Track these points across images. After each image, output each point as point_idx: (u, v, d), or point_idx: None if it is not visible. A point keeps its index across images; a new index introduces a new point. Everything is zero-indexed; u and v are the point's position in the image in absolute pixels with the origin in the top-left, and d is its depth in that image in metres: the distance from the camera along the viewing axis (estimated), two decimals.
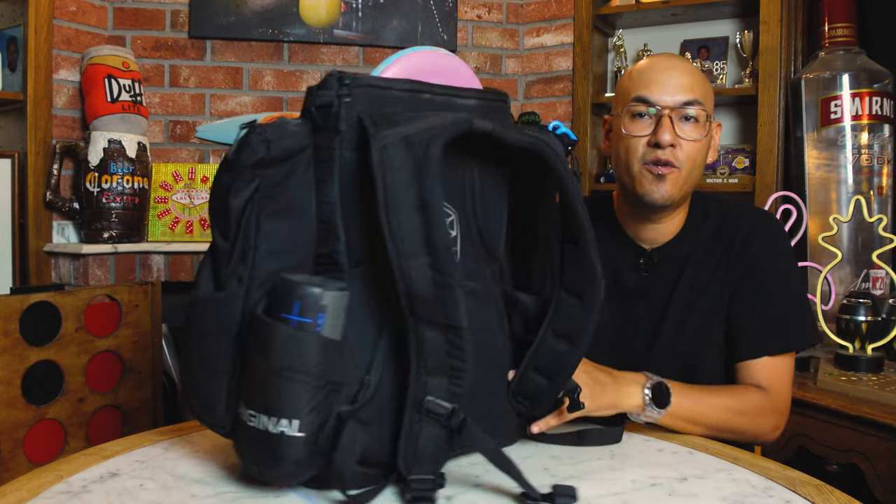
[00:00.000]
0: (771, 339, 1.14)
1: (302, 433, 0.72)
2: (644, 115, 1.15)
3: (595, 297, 0.87)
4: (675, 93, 1.14)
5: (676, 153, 1.14)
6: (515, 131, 0.81)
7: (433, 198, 0.73)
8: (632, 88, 1.17)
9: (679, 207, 1.21)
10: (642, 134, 1.15)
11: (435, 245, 0.73)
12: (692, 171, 1.16)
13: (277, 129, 0.75)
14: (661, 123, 1.13)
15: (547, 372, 0.88)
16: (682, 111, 1.14)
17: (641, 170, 1.15)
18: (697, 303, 1.18)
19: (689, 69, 1.17)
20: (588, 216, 0.85)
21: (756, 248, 1.17)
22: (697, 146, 1.15)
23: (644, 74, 1.17)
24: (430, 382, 0.77)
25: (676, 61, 1.18)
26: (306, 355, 0.72)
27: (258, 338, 0.74)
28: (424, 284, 0.73)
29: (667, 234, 1.22)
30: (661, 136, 1.12)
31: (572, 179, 0.84)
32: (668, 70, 1.16)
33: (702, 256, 1.20)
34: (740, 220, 1.20)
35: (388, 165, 0.72)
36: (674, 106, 1.14)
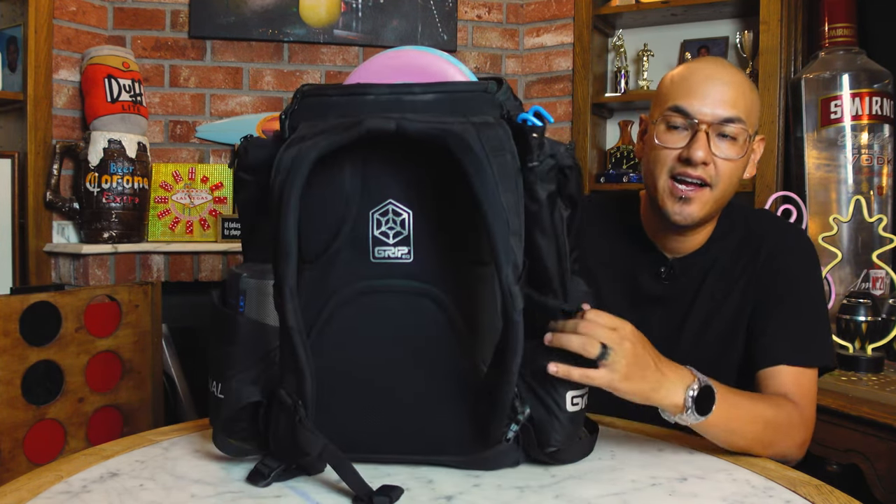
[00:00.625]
0: (800, 348, 1.07)
1: (222, 395, 0.85)
2: (679, 127, 1.08)
3: (509, 321, 0.76)
4: (715, 106, 1.06)
5: (709, 171, 1.07)
6: (424, 122, 0.76)
7: (286, 205, 0.75)
8: (670, 96, 1.10)
9: (708, 223, 1.15)
10: (675, 147, 1.08)
11: (276, 247, 0.77)
12: (725, 190, 1.10)
13: (255, 140, 0.89)
14: (696, 138, 1.06)
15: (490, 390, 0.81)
16: (720, 127, 1.07)
17: (667, 185, 1.09)
18: (718, 313, 1.14)
19: (734, 80, 1.09)
20: (507, 223, 0.74)
21: (784, 259, 1.12)
22: (733, 166, 1.08)
23: (685, 81, 1.09)
24: (286, 377, 0.81)
25: (722, 70, 1.10)
26: (228, 330, 0.86)
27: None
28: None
29: (693, 246, 1.17)
30: (694, 153, 1.06)
31: (485, 174, 0.74)
32: (711, 80, 1.08)
33: (725, 266, 1.15)
34: (766, 230, 1.15)
35: (278, 171, 0.77)
36: (712, 121, 1.06)
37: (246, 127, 2.56)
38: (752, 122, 1.10)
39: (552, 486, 0.83)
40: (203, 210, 2.51)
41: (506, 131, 0.78)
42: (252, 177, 0.89)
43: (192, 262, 2.38)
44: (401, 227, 0.80)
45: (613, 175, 2.64)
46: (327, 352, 0.81)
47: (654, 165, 1.11)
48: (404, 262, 0.81)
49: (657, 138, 1.10)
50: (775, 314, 1.10)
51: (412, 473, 0.85)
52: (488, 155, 0.74)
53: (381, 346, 0.82)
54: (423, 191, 0.80)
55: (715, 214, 1.14)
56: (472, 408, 0.82)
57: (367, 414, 0.83)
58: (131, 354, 1.95)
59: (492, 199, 0.73)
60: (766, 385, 1.07)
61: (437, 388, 0.82)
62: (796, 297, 1.11)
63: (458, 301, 0.81)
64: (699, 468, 0.90)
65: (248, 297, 0.87)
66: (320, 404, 0.82)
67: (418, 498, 0.79)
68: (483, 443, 0.83)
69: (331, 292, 0.81)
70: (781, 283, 1.12)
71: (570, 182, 0.89)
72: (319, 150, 0.75)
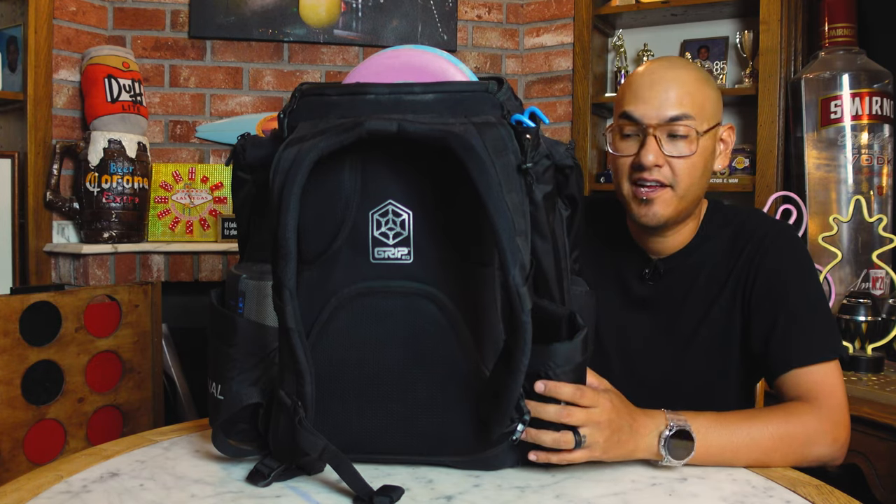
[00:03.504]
0: (808, 347, 1.06)
1: (221, 396, 0.86)
2: (630, 135, 1.10)
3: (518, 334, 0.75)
4: (659, 108, 1.07)
5: (664, 172, 1.08)
6: (426, 124, 0.76)
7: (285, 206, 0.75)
8: (621, 103, 1.11)
9: (685, 221, 1.15)
10: (628, 154, 1.10)
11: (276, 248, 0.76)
12: (689, 188, 1.09)
13: (253, 139, 0.89)
14: (646, 143, 1.07)
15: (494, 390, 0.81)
16: (668, 128, 1.07)
17: (630, 190, 1.10)
18: (710, 313, 1.14)
19: (679, 78, 1.09)
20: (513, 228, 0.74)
21: (775, 258, 1.12)
22: (689, 162, 1.08)
23: (631, 87, 1.11)
24: (286, 378, 0.81)
25: (667, 70, 1.10)
26: (227, 331, 0.86)
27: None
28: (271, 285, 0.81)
29: (675, 245, 1.17)
30: (644, 158, 1.07)
31: (488, 175, 0.73)
32: (655, 83, 1.08)
33: (715, 267, 1.15)
34: (754, 230, 1.15)
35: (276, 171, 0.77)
36: (658, 123, 1.07)
37: (246, 127, 2.56)
38: (706, 116, 1.09)
39: (552, 486, 0.83)
40: (203, 210, 2.51)
41: (507, 131, 0.78)
42: (250, 175, 0.89)
43: (192, 262, 2.38)
44: (401, 227, 0.80)
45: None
46: (327, 353, 0.81)
47: (616, 174, 1.13)
48: (404, 263, 0.80)
49: (611, 147, 1.13)
50: (777, 319, 1.09)
51: (412, 473, 0.85)
52: (491, 155, 0.74)
53: (381, 347, 0.81)
54: (423, 191, 0.80)
55: (687, 211, 1.13)
56: (472, 408, 0.82)
57: (367, 414, 0.83)
58: (131, 354, 1.95)
59: (496, 199, 0.73)
60: (787, 391, 1.06)
61: (437, 388, 0.82)
62: (794, 297, 1.10)
63: (457, 302, 0.81)
64: (699, 468, 0.90)
65: (248, 298, 0.87)
66: (320, 405, 0.82)
67: (418, 498, 0.79)
68: (485, 443, 0.83)
69: (330, 293, 0.81)
70: (776, 286, 1.11)
71: (570, 182, 0.89)
72: (319, 151, 0.75)
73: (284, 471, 0.83)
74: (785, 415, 0.97)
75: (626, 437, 0.87)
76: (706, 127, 1.09)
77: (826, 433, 0.97)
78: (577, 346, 0.84)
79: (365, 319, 0.81)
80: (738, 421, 0.94)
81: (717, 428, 0.92)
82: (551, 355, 0.83)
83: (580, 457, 0.84)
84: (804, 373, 1.04)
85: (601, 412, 0.84)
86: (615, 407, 0.87)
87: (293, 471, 0.84)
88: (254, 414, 0.87)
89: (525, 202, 0.78)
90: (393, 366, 0.81)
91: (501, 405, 0.78)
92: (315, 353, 0.80)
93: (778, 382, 1.07)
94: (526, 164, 0.77)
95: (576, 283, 0.94)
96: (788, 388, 1.05)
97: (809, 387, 1.03)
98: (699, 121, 1.08)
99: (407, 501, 0.78)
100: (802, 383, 1.04)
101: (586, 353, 0.86)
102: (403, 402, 0.82)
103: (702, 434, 0.90)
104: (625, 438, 0.87)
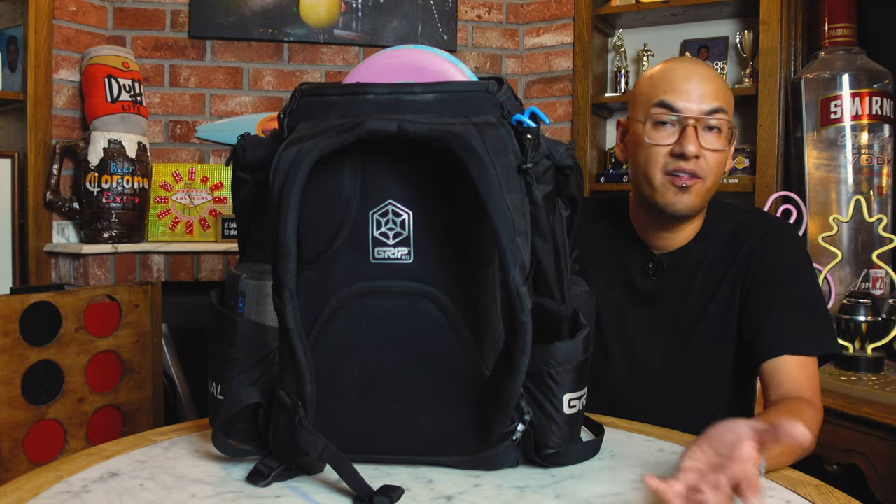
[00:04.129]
0: (800, 337, 1.08)
1: (221, 397, 0.86)
2: (667, 123, 1.10)
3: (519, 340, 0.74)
4: (700, 101, 1.09)
5: (700, 164, 1.10)
6: (426, 124, 0.76)
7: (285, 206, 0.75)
8: (654, 94, 1.12)
9: (697, 216, 1.18)
10: (665, 143, 1.10)
11: (276, 248, 0.76)
12: (715, 181, 1.12)
13: (253, 139, 0.89)
14: (686, 133, 1.08)
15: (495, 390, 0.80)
16: (706, 120, 1.09)
17: (664, 180, 1.11)
18: (709, 307, 1.16)
19: (712, 75, 1.12)
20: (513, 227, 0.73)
21: (773, 253, 1.13)
22: (721, 157, 1.11)
23: (667, 79, 1.12)
24: (286, 378, 0.81)
25: (699, 66, 1.13)
26: (227, 331, 0.86)
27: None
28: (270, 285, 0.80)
29: (680, 241, 1.19)
30: (687, 147, 1.08)
31: (488, 175, 0.73)
32: (692, 76, 1.11)
33: (715, 262, 1.17)
34: (754, 226, 1.16)
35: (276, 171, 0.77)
36: (699, 115, 1.09)
37: (246, 127, 2.56)
38: (731, 114, 1.14)
39: (552, 486, 0.83)
40: (203, 210, 2.51)
41: (507, 131, 0.78)
42: (250, 175, 0.90)
43: (192, 262, 2.38)
44: (401, 227, 0.80)
45: (613, 175, 2.64)
46: (327, 353, 0.81)
47: (647, 164, 1.12)
48: (404, 263, 0.80)
49: (647, 137, 1.12)
50: (772, 306, 1.11)
51: (412, 473, 0.85)
52: (491, 156, 0.74)
53: (381, 347, 0.81)
54: (423, 191, 0.80)
55: (706, 205, 1.17)
56: (472, 408, 0.82)
57: (367, 414, 0.83)
58: (131, 354, 1.95)
59: (496, 200, 0.73)
60: (772, 378, 1.06)
61: (437, 388, 0.82)
62: (791, 288, 1.12)
63: (457, 302, 0.81)
64: None
65: (248, 299, 0.87)
66: (320, 405, 0.82)
67: (418, 498, 0.79)
68: (485, 442, 0.83)
69: (330, 293, 0.81)
70: (774, 278, 1.12)
71: (570, 182, 0.89)
72: (319, 151, 0.75)
73: (284, 471, 0.83)
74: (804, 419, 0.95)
75: None
76: (733, 121, 1.13)
77: (817, 432, 1.01)
78: (578, 344, 0.84)
79: (365, 319, 0.81)
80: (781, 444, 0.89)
81: (776, 451, 0.85)
82: (552, 354, 0.83)
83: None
84: (792, 361, 1.06)
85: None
86: None
87: (293, 471, 0.84)
88: (254, 414, 0.87)
89: (525, 202, 0.78)
90: (393, 366, 0.81)
91: (502, 405, 0.78)
92: (315, 353, 0.80)
93: (765, 367, 1.08)
94: (526, 165, 0.77)
95: (576, 282, 0.94)
96: (774, 374, 1.06)
97: (797, 378, 1.05)
98: (730, 117, 1.12)
99: (407, 501, 0.78)
100: (790, 373, 1.05)
101: (587, 352, 0.86)
102: (403, 402, 0.82)
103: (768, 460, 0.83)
104: None
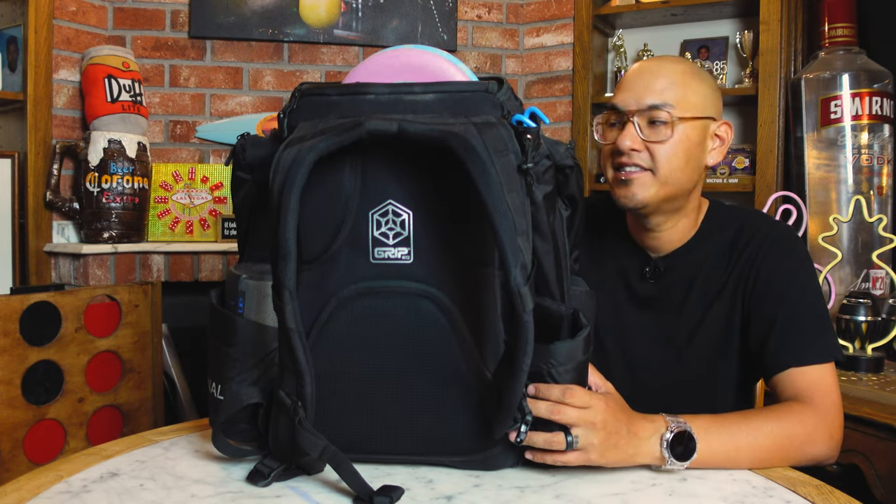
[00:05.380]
0: (805, 348, 1.06)
1: (221, 397, 0.85)
2: (615, 123, 1.13)
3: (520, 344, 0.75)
4: (640, 96, 1.10)
5: (643, 156, 1.10)
6: (426, 124, 0.76)
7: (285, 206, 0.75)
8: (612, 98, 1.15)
9: (675, 214, 1.16)
10: (610, 142, 1.13)
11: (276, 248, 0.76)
12: (670, 173, 1.10)
13: (253, 139, 0.89)
14: (624, 129, 1.10)
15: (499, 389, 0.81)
16: (648, 114, 1.09)
17: (613, 176, 1.13)
18: (710, 312, 1.14)
19: (664, 69, 1.11)
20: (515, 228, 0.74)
21: (776, 260, 1.12)
22: (668, 148, 1.09)
23: (621, 82, 1.14)
24: (286, 378, 0.81)
25: (653, 63, 1.14)
26: (227, 331, 0.86)
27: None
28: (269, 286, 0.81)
29: (672, 243, 1.18)
30: (621, 142, 1.10)
31: (489, 175, 0.73)
32: (640, 73, 1.12)
33: (715, 267, 1.15)
34: (754, 231, 1.15)
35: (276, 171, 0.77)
36: (637, 109, 1.09)
37: (246, 127, 2.56)
38: (689, 106, 1.10)
39: (552, 486, 0.83)
40: (203, 210, 2.51)
41: (508, 131, 0.78)
42: (249, 175, 0.89)
43: (192, 262, 2.38)
44: (401, 227, 0.80)
45: None
46: (327, 353, 0.81)
47: (603, 163, 1.16)
48: (404, 263, 0.80)
49: (598, 137, 1.16)
50: (776, 318, 1.09)
51: (412, 473, 0.85)
52: (491, 156, 0.74)
53: (381, 347, 0.81)
54: (424, 191, 0.80)
55: (672, 200, 1.13)
56: (472, 408, 0.82)
57: (367, 414, 0.83)
58: (131, 354, 1.95)
59: (497, 200, 0.73)
60: (782, 391, 1.06)
61: (437, 388, 0.82)
62: (794, 298, 1.10)
63: (458, 302, 0.81)
64: (699, 468, 0.90)
65: (248, 299, 0.87)
66: (320, 405, 0.82)
67: (418, 498, 0.79)
68: (485, 442, 0.83)
69: (330, 293, 0.81)
70: (776, 286, 1.11)
71: (570, 182, 0.89)
72: (319, 151, 0.75)
73: (284, 471, 0.83)
74: (783, 414, 0.97)
75: (623, 441, 0.86)
76: (689, 115, 1.10)
77: (823, 432, 0.98)
78: (578, 344, 0.84)
79: (365, 320, 0.81)
80: (738, 421, 0.93)
81: (718, 429, 0.91)
82: (553, 354, 0.83)
83: (575, 459, 0.84)
84: (801, 372, 1.05)
85: (594, 413, 0.84)
86: (611, 409, 0.86)
87: (293, 471, 0.84)
88: (254, 414, 0.87)
89: (526, 202, 0.78)
90: (393, 366, 0.81)
91: (504, 405, 0.78)
92: (315, 353, 0.80)
93: (774, 381, 1.08)
94: (526, 165, 0.77)
95: (576, 283, 0.94)
96: (784, 388, 1.06)
97: (806, 387, 1.04)
98: (680, 109, 1.10)
99: (407, 501, 0.78)
100: (799, 383, 1.04)
101: (588, 352, 0.86)
102: (403, 403, 0.82)
103: (702, 436, 0.89)
104: (623, 442, 0.86)
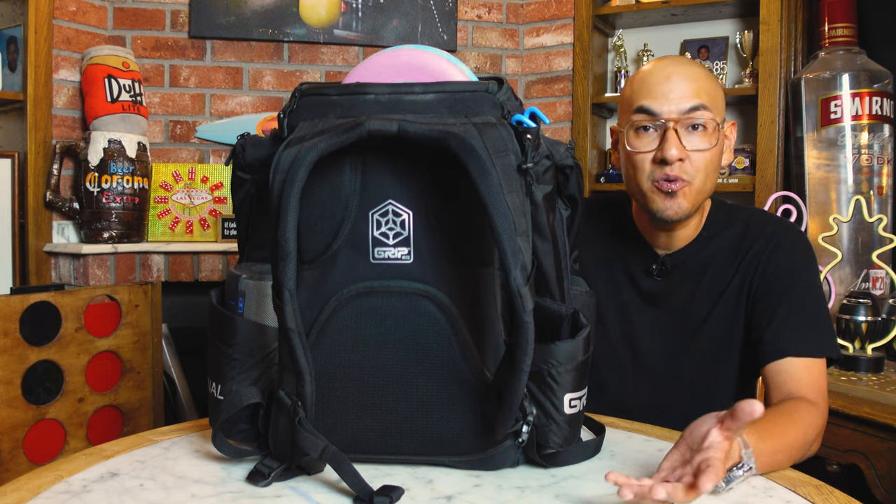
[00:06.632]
0: (806, 339, 1.07)
1: (221, 397, 0.86)
2: (648, 129, 1.09)
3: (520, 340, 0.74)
4: (679, 101, 1.07)
5: (686, 167, 1.07)
6: (426, 124, 0.75)
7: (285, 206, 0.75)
8: (634, 98, 1.10)
9: (696, 215, 1.16)
10: (647, 150, 1.09)
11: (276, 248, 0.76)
12: (706, 181, 1.09)
13: (253, 139, 0.89)
14: (667, 137, 1.06)
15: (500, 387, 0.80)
16: (687, 120, 1.07)
17: (651, 187, 1.09)
18: (715, 310, 1.15)
19: (692, 73, 1.09)
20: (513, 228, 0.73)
21: (782, 256, 1.12)
22: (708, 155, 1.08)
23: (645, 82, 1.10)
24: (286, 378, 0.82)
25: (679, 65, 1.10)
26: (227, 331, 0.86)
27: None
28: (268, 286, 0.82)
29: (681, 241, 1.18)
30: (668, 152, 1.06)
31: (489, 175, 0.73)
32: (671, 76, 1.08)
33: (721, 264, 1.16)
34: (762, 228, 1.15)
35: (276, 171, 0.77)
36: (678, 116, 1.07)
37: (246, 127, 2.57)
38: (718, 110, 1.10)
39: (552, 486, 0.83)
40: (203, 210, 2.51)
41: (508, 131, 0.78)
42: (249, 175, 0.89)
43: (192, 262, 2.38)
44: (401, 227, 0.80)
45: (613, 175, 2.64)
46: (327, 353, 0.81)
47: (634, 172, 1.12)
48: (404, 263, 0.80)
49: (629, 144, 1.11)
50: (778, 309, 1.10)
51: (412, 473, 0.85)
52: (491, 156, 0.74)
53: (381, 347, 0.81)
54: (424, 191, 0.80)
55: (700, 205, 1.14)
56: (472, 408, 0.82)
57: (367, 414, 0.83)
58: (131, 354, 1.95)
59: (497, 200, 0.73)
60: (775, 379, 1.06)
61: (437, 388, 0.82)
62: (797, 292, 1.11)
63: (458, 302, 0.81)
64: None
65: (248, 299, 0.87)
66: (320, 405, 0.82)
67: (418, 498, 0.79)
68: (486, 442, 0.83)
69: (330, 293, 0.81)
70: (782, 280, 1.12)
71: (570, 182, 0.89)
72: (319, 151, 0.75)
73: (284, 471, 0.83)
74: (798, 418, 0.96)
75: None
76: (720, 119, 1.10)
77: (821, 431, 1.01)
78: (579, 344, 0.84)
79: (365, 320, 0.81)
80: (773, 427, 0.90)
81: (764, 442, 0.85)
82: (553, 354, 0.83)
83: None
84: (797, 363, 1.05)
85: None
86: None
87: (293, 471, 0.84)
88: (254, 414, 0.87)
89: (526, 202, 0.78)
90: (393, 366, 0.81)
91: (505, 405, 0.78)
92: (315, 353, 0.80)
93: (769, 369, 1.07)
94: (526, 165, 0.77)
95: (576, 282, 0.94)
96: (778, 377, 1.06)
97: (801, 380, 1.04)
98: (715, 112, 1.09)
99: (407, 501, 0.78)
100: (795, 374, 1.05)
101: (588, 352, 0.86)
102: (403, 402, 0.82)
103: (757, 458, 0.83)
104: None
